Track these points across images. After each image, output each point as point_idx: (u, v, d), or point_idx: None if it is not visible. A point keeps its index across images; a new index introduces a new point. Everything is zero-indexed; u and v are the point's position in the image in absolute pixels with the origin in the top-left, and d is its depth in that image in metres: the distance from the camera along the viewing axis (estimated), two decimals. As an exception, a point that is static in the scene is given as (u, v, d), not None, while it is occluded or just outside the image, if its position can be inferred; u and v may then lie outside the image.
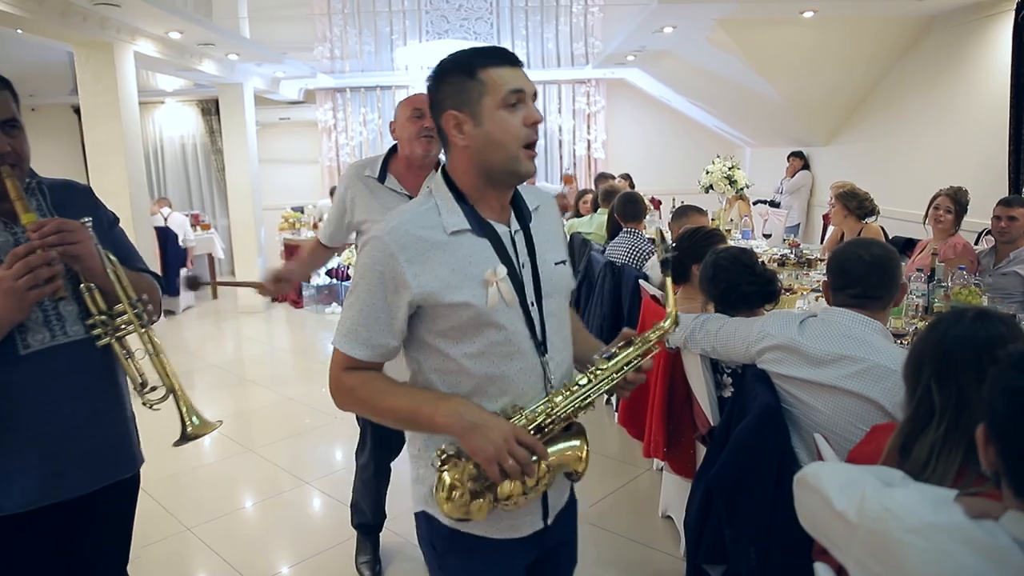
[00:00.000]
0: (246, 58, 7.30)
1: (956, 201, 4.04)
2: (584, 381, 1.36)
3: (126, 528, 1.75)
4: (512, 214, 1.38)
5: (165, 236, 7.99)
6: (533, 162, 1.30)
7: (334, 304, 8.16)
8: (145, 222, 5.83)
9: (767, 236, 6.68)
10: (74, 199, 1.64)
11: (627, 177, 8.33)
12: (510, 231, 1.35)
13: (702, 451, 2.74)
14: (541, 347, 1.36)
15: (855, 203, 4.54)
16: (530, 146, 1.29)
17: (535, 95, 1.32)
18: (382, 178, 2.50)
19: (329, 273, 8.00)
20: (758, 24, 6.28)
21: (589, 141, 10.48)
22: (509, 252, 1.33)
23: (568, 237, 5.99)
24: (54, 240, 1.45)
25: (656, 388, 2.89)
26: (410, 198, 2.44)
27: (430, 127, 2.35)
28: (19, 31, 4.86)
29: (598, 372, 1.37)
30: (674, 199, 7.56)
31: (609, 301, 4.01)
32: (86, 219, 1.56)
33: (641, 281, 3.66)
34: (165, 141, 10.55)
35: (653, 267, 3.87)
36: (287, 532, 3.37)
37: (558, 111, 10.48)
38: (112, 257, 1.60)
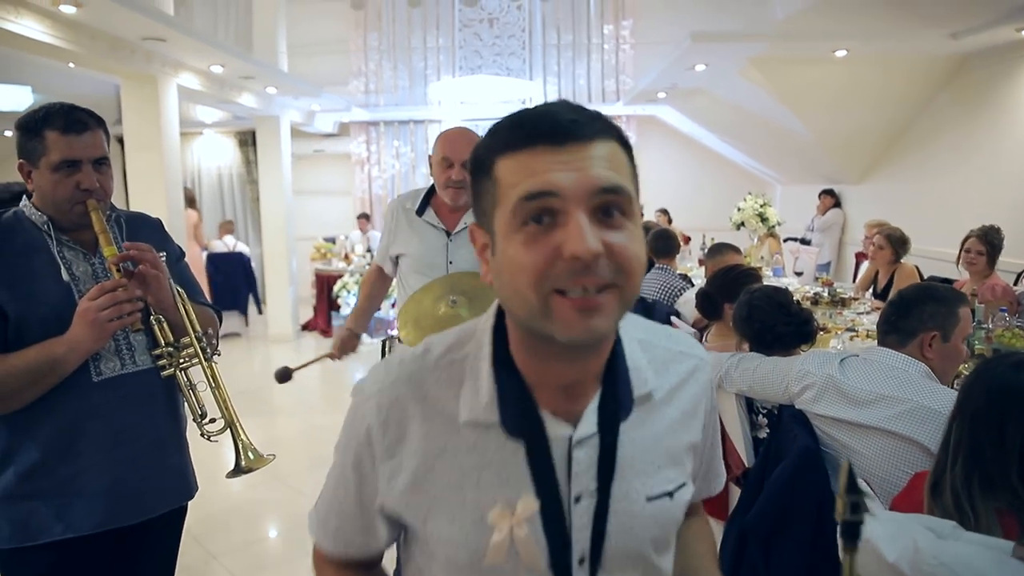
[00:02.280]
0: (284, 91, 7.47)
1: (987, 242, 3.98)
2: None
3: (172, 556, 1.80)
4: (592, 406, 0.81)
5: (238, 261, 8.18)
6: (582, 320, 0.70)
7: (363, 335, 8.18)
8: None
9: (799, 274, 6.61)
10: (147, 232, 1.73)
11: (664, 212, 8.33)
12: (570, 437, 0.79)
13: (734, 492, 2.69)
14: None
15: (903, 247, 4.56)
16: (565, 291, 0.70)
17: (602, 202, 0.71)
18: (421, 211, 2.46)
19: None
20: (790, 62, 6.29)
21: (619, 177, 10.51)
22: (557, 473, 0.79)
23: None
24: (146, 271, 1.55)
25: (689, 427, 2.85)
26: (447, 234, 2.41)
27: (458, 179, 2.30)
28: (71, 65, 5.03)
29: None
30: (704, 235, 7.54)
31: (640, 337, 3.97)
32: (161, 253, 1.64)
33: (673, 318, 3.63)
34: (203, 171, 10.78)
35: (685, 304, 3.84)
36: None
37: (588, 146, 10.53)
38: (180, 290, 1.68)
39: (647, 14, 9.86)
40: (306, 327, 8.54)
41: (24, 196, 1.62)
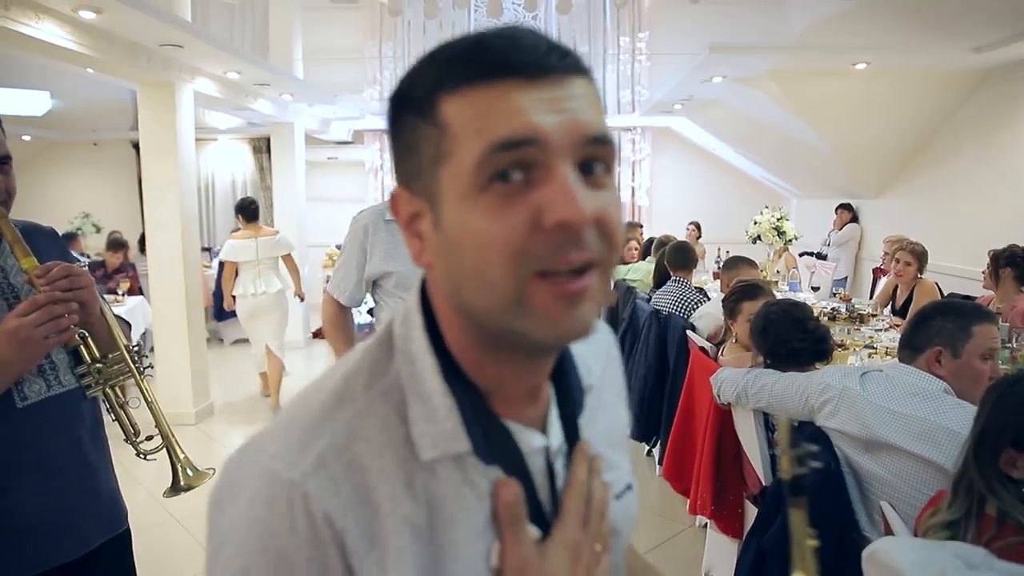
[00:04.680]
0: (299, 98, 7.49)
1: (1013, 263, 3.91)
2: None
3: None
4: (552, 408, 0.68)
5: None
6: (572, 312, 0.54)
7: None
8: (195, 255, 5.94)
9: (815, 289, 6.54)
10: (46, 243, 1.52)
11: (696, 226, 8.30)
12: (547, 449, 0.65)
13: (751, 510, 2.64)
14: None
15: (925, 261, 4.52)
16: (549, 274, 0.53)
17: (591, 154, 0.55)
18: None
19: (371, 311, 8.04)
20: (808, 74, 6.25)
21: (634, 188, 10.48)
22: (541, 497, 0.64)
23: (614, 283, 5.95)
24: (65, 285, 1.36)
25: (705, 443, 2.80)
26: None
27: None
28: (89, 70, 5.06)
29: None
30: (719, 249, 7.49)
31: (654, 351, 3.93)
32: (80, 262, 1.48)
33: (689, 332, 3.59)
34: (216, 177, 10.84)
35: (701, 317, 3.80)
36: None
37: (603, 157, 10.52)
38: (104, 301, 1.52)
39: (664, 25, 9.85)
40: (317, 335, 8.53)
41: None
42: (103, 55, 4.45)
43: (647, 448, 4.43)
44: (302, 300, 6.32)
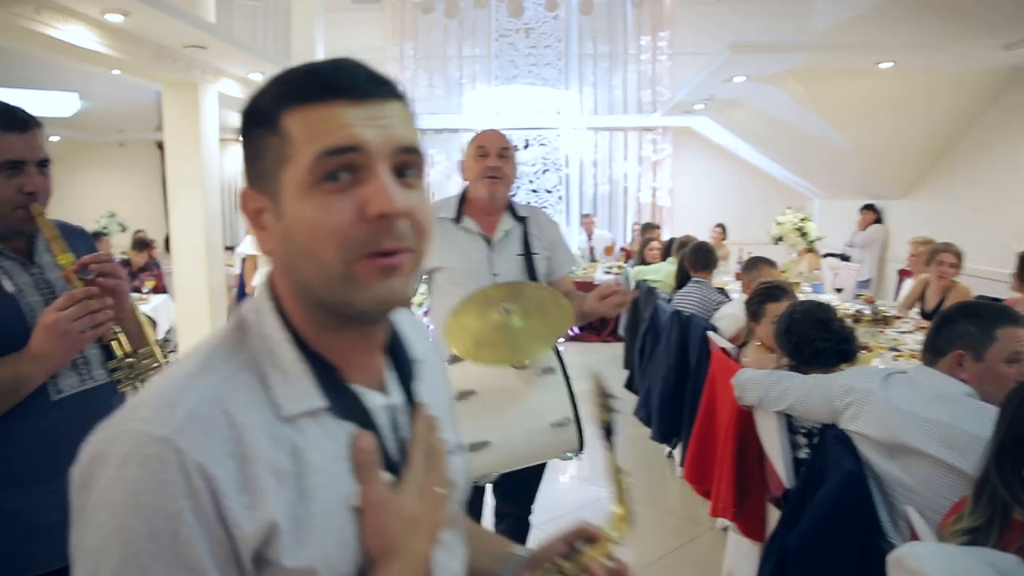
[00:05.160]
0: (322, 99, 7.53)
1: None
2: None
3: None
4: (390, 374, 0.79)
5: None
6: (388, 284, 0.67)
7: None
8: (218, 254, 5.99)
9: (839, 290, 6.47)
10: (77, 241, 1.56)
11: (722, 227, 8.24)
12: (389, 405, 0.76)
13: (773, 513, 2.61)
14: None
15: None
16: (380, 254, 0.66)
17: (404, 162, 0.69)
18: (458, 218, 2.29)
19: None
20: (831, 74, 6.18)
21: (654, 189, 10.43)
22: (389, 448, 0.74)
23: (634, 284, 5.93)
24: (107, 272, 1.42)
25: (726, 445, 2.78)
26: (487, 241, 2.29)
27: (494, 167, 2.21)
28: (116, 72, 5.13)
29: None
30: (741, 249, 7.43)
31: (676, 352, 3.91)
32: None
33: (710, 333, 3.56)
34: (238, 177, 10.93)
35: (722, 318, 3.77)
36: None
37: (623, 158, 10.48)
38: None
39: (685, 25, 9.80)
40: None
41: None
42: (129, 57, 4.51)
43: (668, 450, 4.41)
44: None
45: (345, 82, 0.67)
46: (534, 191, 10.54)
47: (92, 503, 0.62)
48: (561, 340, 2.00)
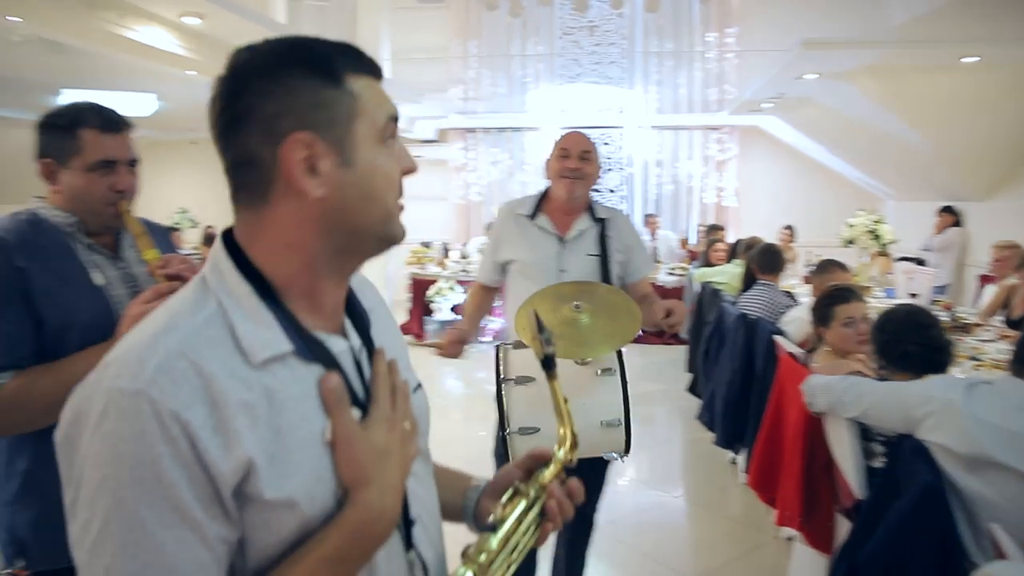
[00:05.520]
0: (387, 98, 7.63)
1: None
2: None
3: None
4: (347, 321, 0.86)
5: None
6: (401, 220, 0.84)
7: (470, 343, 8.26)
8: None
9: (913, 296, 6.22)
10: (158, 237, 1.60)
11: (790, 229, 8.05)
12: (352, 348, 0.83)
13: (842, 525, 2.53)
14: (406, 538, 0.84)
15: None
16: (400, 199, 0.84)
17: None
18: (533, 215, 2.40)
19: (454, 309, 8.13)
20: (909, 70, 5.96)
21: (720, 189, 10.24)
22: (355, 387, 0.80)
23: (699, 286, 5.83)
24: (188, 279, 1.48)
25: (794, 453, 2.70)
26: (559, 239, 2.37)
27: (574, 168, 2.30)
28: (192, 73, 5.30)
29: (484, 557, 0.82)
30: (809, 252, 7.22)
31: (741, 356, 3.82)
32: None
33: (777, 337, 3.47)
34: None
35: (790, 322, 3.67)
36: None
37: (688, 158, 10.31)
38: None
39: (754, 21, 9.58)
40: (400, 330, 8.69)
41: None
42: (204, 58, 4.66)
43: (731, 456, 4.32)
44: None
45: (378, 67, 0.82)
46: (596, 190, 10.45)
47: (78, 460, 0.66)
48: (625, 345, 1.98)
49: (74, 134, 1.45)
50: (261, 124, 0.74)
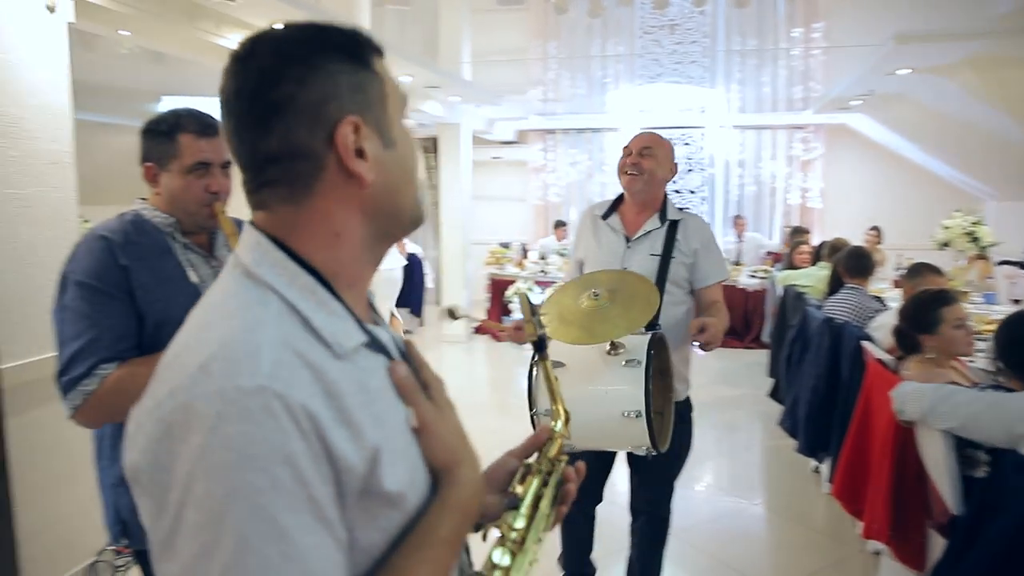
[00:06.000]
0: (467, 99, 7.73)
1: None
2: (505, 558, 0.79)
3: None
4: (373, 309, 0.85)
5: (416, 263, 8.55)
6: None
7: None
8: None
9: (1016, 302, 5.88)
10: None
11: (876, 230, 7.75)
12: (393, 339, 0.82)
13: (936, 541, 2.41)
14: None
15: None
16: None
17: None
18: (606, 216, 2.47)
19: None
20: (1015, 62, 5.62)
21: (804, 190, 9.92)
22: None
23: (782, 289, 5.67)
24: None
25: (882, 463, 2.60)
26: (627, 239, 2.40)
27: (631, 163, 2.34)
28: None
29: (515, 535, 0.81)
30: (900, 255, 6.92)
31: (825, 361, 3.70)
32: None
33: (865, 343, 3.35)
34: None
35: (879, 328, 3.53)
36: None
37: (772, 157, 10.03)
38: None
39: (842, 16, 9.24)
40: (479, 330, 8.78)
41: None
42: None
43: (814, 464, 4.19)
44: None
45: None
46: (677, 191, 10.31)
47: (182, 479, 0.57)
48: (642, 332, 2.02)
49: (173, 139, 1.53)
50: (307, 112, 0.70)
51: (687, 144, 10.25)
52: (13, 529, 2.50)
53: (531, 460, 0.92)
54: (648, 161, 2.33)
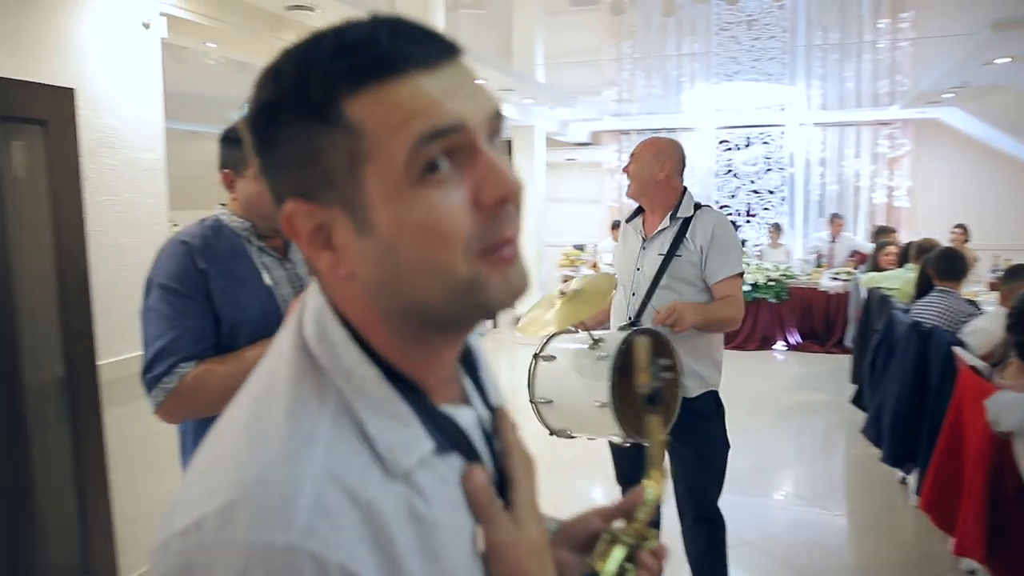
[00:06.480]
0: (541, 101, 7.75)
1: None
2: None
3: None
4: (466, 379, 0.69)
5: None
6: (513, 273, 0.57)
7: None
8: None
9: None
10: None
11: (963, 228, 7.39)
12: (477, 416, 0.66)
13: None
14: None
15: None
16: (499, 246, 0.55)
17: (494, 129, 0.57)
18: (631, 218, 2.59)
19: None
20: None
21: (891, 188, 9.52)
22: (487, 464, 0.64)
23: (866, 292, 5.47)
24: None
25: (976, 476, 2.47)
26: (643, 240, 2.50)
27: (624, 170, 2.53)
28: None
29: None
30: (997, 256, 6.58)
31: (913, 367, 3.54)
32: None
33: (956, 349, 3.19)
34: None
35: (973, 333, 3.36)
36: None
37: (855, 155, 9.68)
38: None
39: (932, 4, 8.83)
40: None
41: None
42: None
43: (900, 475, 4.02)
44: None
45: (413, 46, 0.53)
46: (755, 192, 10.07)
47: None
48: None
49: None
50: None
51: (765, 143, 10.00)
52: (111, 515, 2.65)
53: (616, 526, 0.79)
54: (632, 166, 2.46)
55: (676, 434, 2.10)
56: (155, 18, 2.91)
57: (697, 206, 2.45)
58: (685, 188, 2.48)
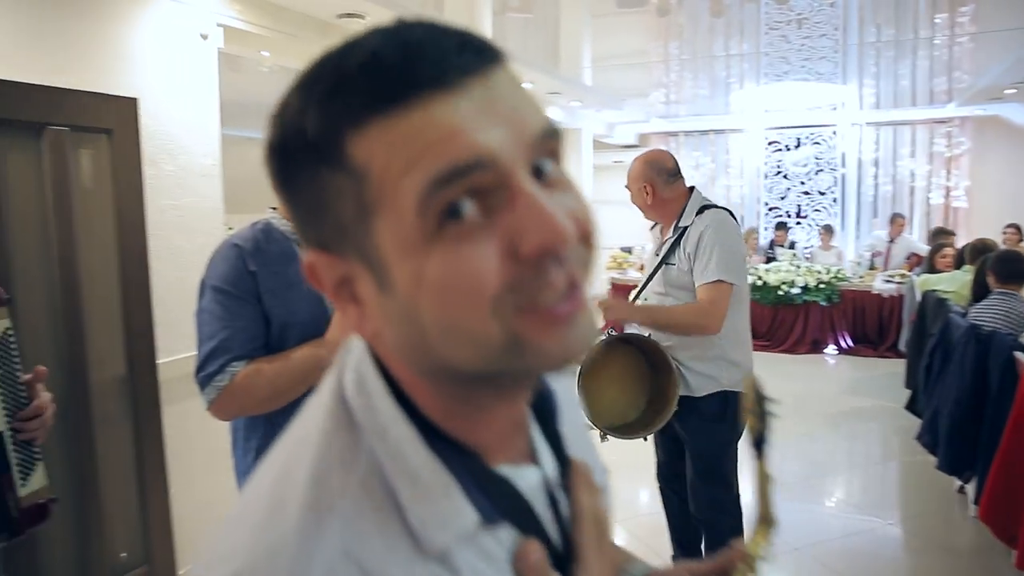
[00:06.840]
0: (588, 104, 7.75)
1: None
2: None
3: None
4: (535, 431, 0.58)
5: None
6: (571, 334, 0.45)
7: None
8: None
9: None
10: None
11: (1016, 228, 7.16)
12: (544, 479, 0.55)
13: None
14: None
15: None
16: (536, 304, 0.44)
17: (547, 150, 0.47)
18: (653, 225, 2.70)
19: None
20: None
21: (948, 188, 9.25)
22: (550, 534, 0.54)
23: (921, 295, 5.34)
24: None
25: (1037, 484, 2.40)
26: (658, 248, 2.58)
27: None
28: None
29: None
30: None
31: (971, 372, 3.44)
32: None
33: (1018, 353, 3.10)
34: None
35: (1036, 337, 3.26)
36: None
37: (910, 155, 9.43)
38: None
39: (993, -2, 8.55)
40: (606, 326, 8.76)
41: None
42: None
43: (958, 483, 3.90)
44: None
45: (428, 62, 0.42)
46: (806, 193, 9.89)
47: None
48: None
49: None
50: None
51: (816, 143, 9.82)
52: (169, 509, 2.74)
53: None
54: (628, 181, 2.59)
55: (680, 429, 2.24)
56: (212, 29, 3.02)
57: (703, 208, 2.47)
58: (691, 188, 2.55)
